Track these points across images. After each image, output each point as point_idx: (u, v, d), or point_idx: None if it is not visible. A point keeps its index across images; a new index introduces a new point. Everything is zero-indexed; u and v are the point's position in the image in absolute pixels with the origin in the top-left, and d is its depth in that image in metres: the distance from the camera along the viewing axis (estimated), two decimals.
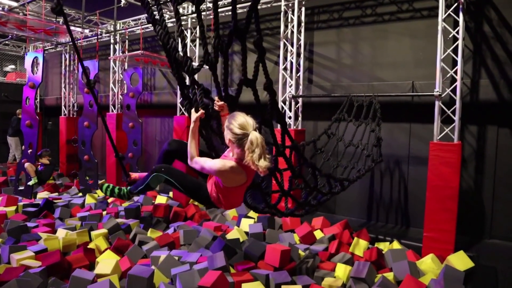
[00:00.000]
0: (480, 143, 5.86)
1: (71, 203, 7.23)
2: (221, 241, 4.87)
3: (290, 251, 4.61)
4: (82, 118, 8.39)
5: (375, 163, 4.86)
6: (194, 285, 3.93)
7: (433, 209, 5.13)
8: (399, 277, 4.30)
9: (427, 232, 5.17)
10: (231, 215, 6.70)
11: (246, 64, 2.57)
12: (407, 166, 6.47)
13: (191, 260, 4.57)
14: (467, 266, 4.46)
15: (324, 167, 5.04)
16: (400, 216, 6.56)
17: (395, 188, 6.60)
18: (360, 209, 6.93)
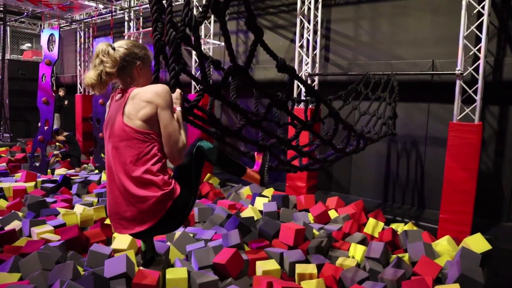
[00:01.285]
0: (501, 124, 5.69)
1: (88, 180, 7.35)
2: (235, 219, 4.90)
3: (304, 230, 4.61)
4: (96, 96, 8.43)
5: (390, 133, 4.75)
6: (209, 262, 3.97)
7: (450, 191, 5.05)
8: (414, 258, 4.28)
9: (443, 214, 5.11)
10: (245, 194, 6.73)
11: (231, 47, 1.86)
12: (424, 147, 6.35)
13: (206, 237, 4.62)
14: (484, 248, 4.41)
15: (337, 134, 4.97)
16: (416, 198, 6.50)
17: (411, 169, 6.52)
18: (375, 189, 6.88)
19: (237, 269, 3.87)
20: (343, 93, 5.16)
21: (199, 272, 3.79)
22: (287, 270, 4.07)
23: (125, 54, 1.89)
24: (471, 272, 3.62)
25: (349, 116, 5.23)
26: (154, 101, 1.80)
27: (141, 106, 1.81)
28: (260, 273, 3.84)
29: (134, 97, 1.83)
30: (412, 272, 4.00)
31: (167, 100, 1.82)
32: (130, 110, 1.82)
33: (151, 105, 1.80)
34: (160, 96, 1.81)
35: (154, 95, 1.80)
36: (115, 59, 1.84)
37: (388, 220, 5.70)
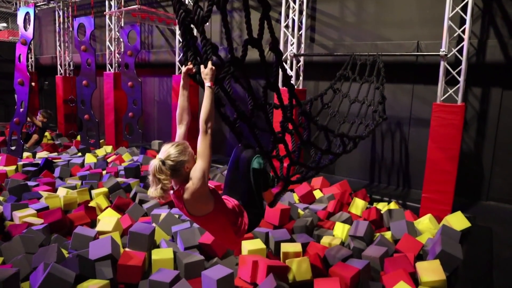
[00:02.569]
0: (483, 105, 5.80)
1: (71, 163, 7.24)
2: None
3: (289, 210, 4.66)
4: (80, 77, 8.24)
5: (382, 119, 4.81)
6: (195, 242, 3.99)
7: (433, 171, 5.15)
8: (396, 236, 4.38)
9: (426, 193, 5.22)
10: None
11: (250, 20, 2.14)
12: (408, 128, 6.44)
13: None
14: (464, 226, 4.53)
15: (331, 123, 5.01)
16: (401, 178, 6.62)
17: (396, 150, 6.61)
18: (360, 170, 6.97)
19: (222, 248, 3.91)
20: (332, 84, 5.19)
21: (185, 252, 3.81)
22: (273, 249, 4.13)
23: (174, 166, 2.15)
24: (451, 249, 3.73)
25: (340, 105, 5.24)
26: (199, 198, 2.16)
27: (194, 206, 2.20)
28: (246, 252, 3.88)
29: (187, 200, 2.17)
30: (394, 249, 4.10)
31: (197, 190, 2.13)
32: (190, 208, 2.22)
33: (200, 202, 2.19)
34: (196, 194, 2.14)
35: (195, 197, 2.15)
36: (168, 173, 2.12)
37: (373, 200, 5.80)
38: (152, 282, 3.28)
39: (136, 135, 8.41)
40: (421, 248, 4.08)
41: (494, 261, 3.92)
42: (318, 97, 4.87)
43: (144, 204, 5.27)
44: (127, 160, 7.63)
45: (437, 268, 3.51)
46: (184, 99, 2.42)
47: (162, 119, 10.04)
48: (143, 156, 7.43)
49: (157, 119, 10.23)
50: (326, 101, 5.24)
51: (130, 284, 3.57)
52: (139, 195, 5.48)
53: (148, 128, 10.51)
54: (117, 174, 6.61)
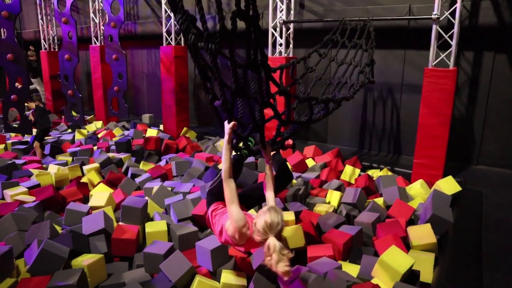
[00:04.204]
0: (475, 69, 5.75)
1: (61, 140, 7.16)
2: (213, 171, 4.90)
3: None
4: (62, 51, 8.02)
5: (368, 80, 4.74)
6: (188, 214, 4.00)
7: (424, 136, 5.15)
8: (388, 201, 4.42)
9: (418, 159, 5.24)
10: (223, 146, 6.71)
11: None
12: (400, 94, 6.40)
13: (184, 190, 4.62)
14: (455, 190, 4.58)
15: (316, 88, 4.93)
16: (392, 145, 6.64)
17: (387, 117, 6.60)
18: (352, 138, 6.97)
19: None
20: (318, 47, 5.05)
21: (179, 224, 3.83)
22: None
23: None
24: (442, 212, 3.77)
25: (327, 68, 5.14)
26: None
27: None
28: None
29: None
30: (386, 215, 4.15)
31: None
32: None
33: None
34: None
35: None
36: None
37: (365, 167, 5.83)
38: (146, 255, 3.30)
39: (122, 110, 8.27)
40: (412, 213, 4.13)
41: (483, 222, 3.98)
42: (301, 60, 4.71)
43: (136, 178, 5.26)
44: (118, 135, 7.56)
45: (428, 232, 3.56)
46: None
47: (152, 92, 9.89)
48: (134, 130, 7.36)
49: (147, 92, 10.08)
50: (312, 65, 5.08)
51: (125, 257, 3.59)
52: (131, 169, 5.46)
53: (138, 102, 10.37)
54: (108, 149, 6.56)
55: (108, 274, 3.32)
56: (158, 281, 3.10)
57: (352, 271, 3.19)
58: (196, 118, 9.26)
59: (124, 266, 3.47)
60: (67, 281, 2.91)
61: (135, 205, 3.86)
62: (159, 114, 8.48)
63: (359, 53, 5.07)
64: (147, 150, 6.51)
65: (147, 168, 5.61)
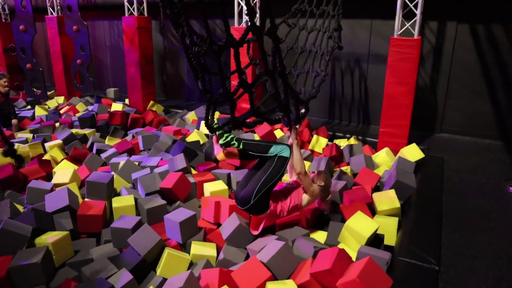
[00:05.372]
0: (439, 39, 5.84)
1: (20, 117, 6.84)
2: (181, 144, 4.84)
3: None
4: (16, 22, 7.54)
5: (337, 45, 4.74)
6: (156, 187, 3.96)
7: (390, 105, 5.23)
8: (355, 170, 4.52)
9: (383, 128, 5.33)
10: (191, 119, 6.65)
11: None
12: (367, 64, 6.45)
13: (152, 164, 4.57)
14: (418, 157, 4.72)
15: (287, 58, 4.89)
16: (361, 115, 6.74)
17: (355, 87, 6.66)
18: (320, 108, 7.02)
19: (184, 192, 3.90)
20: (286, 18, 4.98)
21: (147, 198, 3.78)
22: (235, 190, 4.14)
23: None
24: (405, 179, 3.89)
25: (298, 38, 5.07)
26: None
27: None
28: (208, 194, 3.90)
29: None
30: (353, 183, 4.25)
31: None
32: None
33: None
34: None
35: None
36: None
37: (333, 137, 5.92)
38: (114, 230, 3.25)
39: (87, 84, 7.96)
40: (378, 180, 4.24)
41: (444, 187, 4.14)
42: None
43: (102, 153, 5.13)
44: (81, 110, 7.30)
45: (392, 197, 3.66)
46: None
47: (116, 65, 9.54)
48: (98, 105, 7.13)
49: (111, 65, 9.72)
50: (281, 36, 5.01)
51: (93, 233, 3.53)
52: (96, 145, 5.31)
53: (102, 76, 10.00)
54: (71, 125, 6.34)
55: (75, 251, 3.26)
56: (127, 255, 3.07)
57: (319, 237, 3.26)
58: (163, 92, 9.05)
59: (91, 242, 3.42)
60: (31, 259, 2.83)
61: (100, 180, 3.77)
62: (124, 88, 8.23)
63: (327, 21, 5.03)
64: (112, 125, 6.36)
65: (113, 143, 5.47)
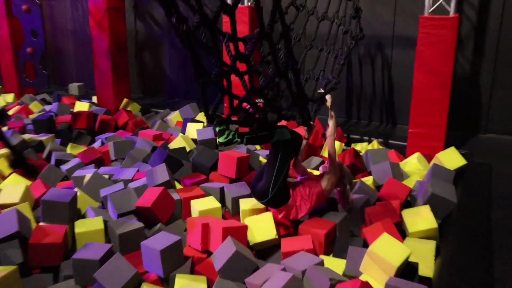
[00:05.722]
0: (481, 16, 5.79)
1: None
2: (162, 152, 4.81)
3: (248, 158, 4.64)
4: None
5: (356, 39, 4.72)
6: (131, 206, 3.91)
7: (421, 101, 5.21)
8: (379, 181, 4.48)
9: (413, 128, 5.31)
10: (175, 121, 6.66)
11: None
12: (390, 50, 6.43)
13: (126, 177, 4.54)
14: (458, 164, 4.67)
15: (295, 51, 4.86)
16: (384, 112, 6.73)
17: (377, 78, 6.65)
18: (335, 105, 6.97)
19: (167, 212, 3.87)
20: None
21: (119, 220, 3.74)
22: (230, 208, 4.12)
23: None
24: (443, 191, 3.83)
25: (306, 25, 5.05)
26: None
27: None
28: (197, 214, 3.85)
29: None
30: (377, 197, 4.20)
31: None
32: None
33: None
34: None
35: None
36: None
37: (351, 140, 5.90)
38: (77, 261, 3.18)
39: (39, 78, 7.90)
40: (408, 193, 4.19)
41: (493, 201, 4.07)
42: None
43: (62, 165, 5.11)
44: (36, 111, 7.30)
45: (426, 215, 3.61)
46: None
47: (81, 55, 9.53)
48: (58, 104, 7.12)
49: (74, 55, 9.71)
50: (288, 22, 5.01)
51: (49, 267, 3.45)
52: (55, 154, 5.30)
53: (63, 68, 9.98)
54: (23, 129, 6.34)
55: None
56: None
57: (336, 267, 3.20)
58: (140, 87, 9.04)
59: (47, 279, 3.36)
60: None
61: (60, 199, 3.72)
62: (92, 83, 8.21)
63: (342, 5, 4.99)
64: (76, 129, 6.35)
65: (76, 152, 5.44)
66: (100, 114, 6.77)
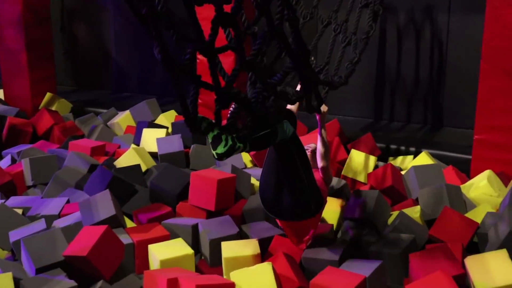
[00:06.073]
0: None
1: None
2: (105, 172, 4.83)
3: (235, 180, 4.66)
4: None
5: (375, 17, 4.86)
6: (57, 256, 3.89)
7: (492, 91, 5.22)
8: (430, 212, 4.47)
9: (480, 134, 5.32)
10: (123, 125, 6.70)
11: None
12: (447, 17, 6.47)
13: (49, 212, 4.55)
14: None
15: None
16: (430, 110, 6.79)
17: (423, 60, 6.70)
18: (361, 102, 7.02)
19: (112, 263, 3.84)
20: None
21: (38, 277, 3.73)
22: (207, 256, 4.12)
23: None
24: None
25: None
26: None
27: None
28: (158, 265, 3.84)
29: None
30: (427, 237, 4.21)
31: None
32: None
33: None
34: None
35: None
36: None
37: (384, 152, 5.95)
38: None
39: None
40: (475, 232, 4.19)
41: None
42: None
43: None
44: None
45: (503, 265, 3.59)
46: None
47: None
48: None
49: None
50: None
51: None
52: None
53: None
54: None
55: None
56: None
57: None
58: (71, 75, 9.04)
59: None
60: None
61: None
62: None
63: None
64: None
65: None
66: (10, 116, 6.78)
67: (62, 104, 7.57)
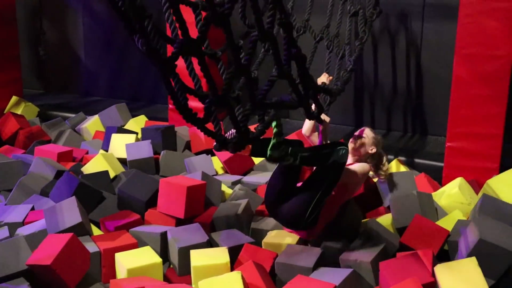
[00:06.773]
0: None
1: None
2: (72, 179, 4.81)
3: (205, 187, 4.67)
4: None
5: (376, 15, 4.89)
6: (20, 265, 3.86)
7: (464, 98, 5.28)
8: (401, 220, 4.51)
9: (453, 141, 5.39)
10: (92, 130, 6.68)
11: None
12: (420, 24, 6.55)
13: (12, 219, 4.54)
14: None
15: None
16: (409, 117, 6.86)
17: (399, 66, 6.77)
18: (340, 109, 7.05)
19: (77, 272, 3.83)
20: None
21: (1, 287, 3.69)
22: (176, 264, 4.13)
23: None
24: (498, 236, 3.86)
25: None
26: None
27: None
28: (125, 274, 3.83)
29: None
30: (398, 244, 4.26)
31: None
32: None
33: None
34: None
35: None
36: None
37: None
38: None
39: None
40: (445, 240, 4.25)
41: None
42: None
43: None
44: None
45: (473, 273, 3.61)
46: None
47: None
48: None
49: None
50: None
51: None
52: None
53: None
54: None
55: None
56: None
57: None
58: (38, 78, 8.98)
59: None
60: None
61: None
62: None
63: None
64: None
65: None
66: None
67: (28, 108, 7.53)
